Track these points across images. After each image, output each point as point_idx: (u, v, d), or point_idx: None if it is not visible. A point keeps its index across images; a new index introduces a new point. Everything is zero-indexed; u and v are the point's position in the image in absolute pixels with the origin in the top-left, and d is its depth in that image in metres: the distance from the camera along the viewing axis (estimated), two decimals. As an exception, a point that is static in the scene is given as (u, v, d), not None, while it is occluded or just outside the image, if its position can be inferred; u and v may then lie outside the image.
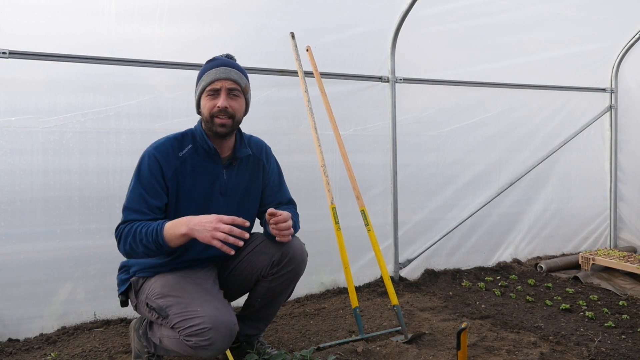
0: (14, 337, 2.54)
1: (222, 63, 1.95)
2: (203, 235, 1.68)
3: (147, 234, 1.76)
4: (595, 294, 3.23)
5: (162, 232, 1.75)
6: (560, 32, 3.88)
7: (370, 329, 2.64)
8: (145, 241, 1.76)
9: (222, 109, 1.89)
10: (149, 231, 1.76)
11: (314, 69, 2.98)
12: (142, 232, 1.77)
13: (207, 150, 1.97)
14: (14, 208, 2.54)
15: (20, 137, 2.54)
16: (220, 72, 1.92)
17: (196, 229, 1.70)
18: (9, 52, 2.46)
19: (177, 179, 1.93)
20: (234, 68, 1.96)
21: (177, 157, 1.94)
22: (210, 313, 1.75)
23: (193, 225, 1.71)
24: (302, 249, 2.08)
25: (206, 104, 1.93)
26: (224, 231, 1.67)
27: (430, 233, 3.67)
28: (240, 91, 1.96)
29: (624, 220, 4.40)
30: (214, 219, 1.69)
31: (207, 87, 1.92)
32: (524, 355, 2.21)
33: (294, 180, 3.09)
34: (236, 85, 1.94)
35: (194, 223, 1.71)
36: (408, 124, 3.54)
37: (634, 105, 4.31)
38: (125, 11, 2.68)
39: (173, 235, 1.74)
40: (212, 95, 1.92)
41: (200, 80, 1.97)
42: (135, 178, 1.91)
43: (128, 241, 1.80)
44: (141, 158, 1.94)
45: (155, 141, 1.98)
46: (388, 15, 3.31)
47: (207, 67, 1.97)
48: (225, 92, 1.91)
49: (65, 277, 2.64)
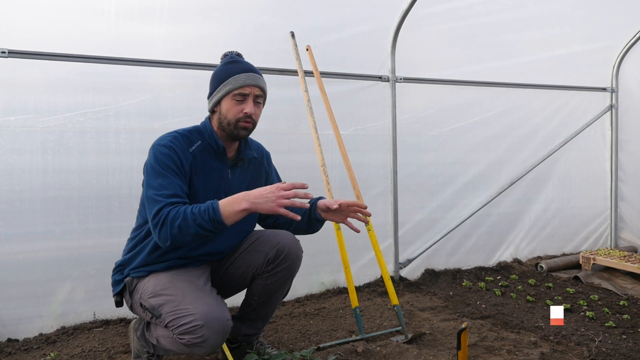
0: (13, 337, 2.53)
1: (250, 68, 1.96)
2: (268, 207, 1.66)
3: (200, 213, 1.68)
4: (595, 294, 3.22)
5: (218, 210, 1.68)
6: (560, 32, 3.87)
7: (370, 329, 2.63)
8: (199, 221, 1.68)
9: (249, 115, 1.91)
10: (202, 211, 1.69)
11: (314, 68, 2.97)
12: (194, 212, 1.69)
13: (215, 149, 1.96)
14: (13, 208, 2.53)
15: (20, 137, 2.53)
16: (251, 79, 1.92)
17: (258, 201, 1.67)
18: (8, 52, 2.45)
19: (191, 173, 1.91)
20: (261, 75, 1.99)
21: (189, 153, 1.92)
22: (202, 310, 1.74)
23: (254, 199, 1.67)
24: (297, 246, 2.08)
25: (232, 107, 1.92)
26: (289, 197, 1.66)
27: (431, 233, 3.67)
28: (263, 99, 2.00)
29: (625, 220, 4.40)
30: (274, 188, 1.67)
31: (234, 90, 1.91)
32: (524, 355, 2.21)
33: (294, 179, 3.07)
34: (262, 93, 1.97)
35: (254, 196, 1.67)
36: (408, 123, 3.53)
37: (634, 104, 4.30)
38: (125, 10, 2.67)
39: (232, 211, 1.69)
40: (240, 100, 1.91)
41: (226, 82, 1.93)
42: (157, 167, 1.81)
43: (177, 224, 1.69)
44: (154, 151, 1.86)
45: (162, 136, 1.92)
46: (388, 14, 3.30)
47: (233, 69, 1.94)
48: (252, 98, 1.93)
49: (64, 277, 2.63)
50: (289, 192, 1.67)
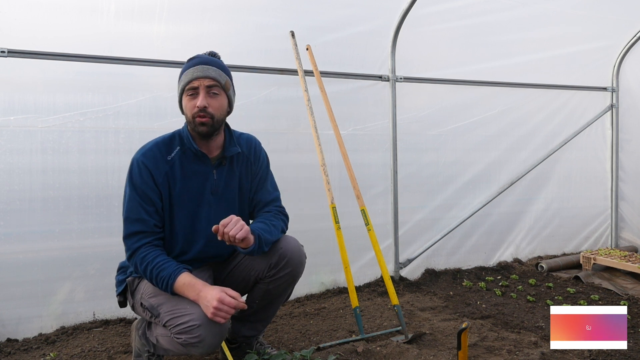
0: (13, 337, 2.53)
1: (201, 61, 1.90)
2: (206, 311, 1.72)
3: (158, 279, 1.81)
4: (596, 294, 3.22)
5: (172, 287, 1.80)
6: (561, 31, 3.86)
7: (370, 328, 2.63)
8: (155, 283, 1.84)
9: (201, 108, 1.85)
10: (161, 278, 1.81)
11: (314, 68, 2.96)
12: (154, 274, 1.82)
13: (194, 152, 1.94)
14: (13, 207, 2.53)
15: (19, 137, 2.53)
16: (198, 71, 1.87)
17: (201, 299, 1.74)
18: (8, 51, 2.45)
19: (168, 183, 1.92)
20: (213, 65, 1.90)
21: (166, 162, 1.92)
22: (199, 310, 1.74)
23: (200, 298, 1.75)
24: (300, 252, 2.06)
25: (187, 104, 1.90)
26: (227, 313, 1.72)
27: (431, 232, 3.66)
28: (220, 88, 1.90)
29: (625, 220, 4.39)
30: (217, 296, 1.71)
31: (185, 86, 1.88)
32: (524, 355, 2.20)
33: (293, 179, 3.10)
34: (215, 83, 1.88)
35: (201, 297, 1.74)
36: (408, 123, 3.52)
37: (635, 104, 4.29)
38: (124, 10, 2.67)
39: (182, 294, 1.80)
40: (192, 95, 1.88)
41: (180, 80, 1.92)
42: (129, 187, 1.90)
43: (140, 271, 1.86)
44: (130, 165, 1.92)
45: (143, 146, 1.95)
46: (388, 13, 3.30)
47: (186, 66, 1.92)
48: (204, 90, 1.86)
49: (64, 277, 2.63)
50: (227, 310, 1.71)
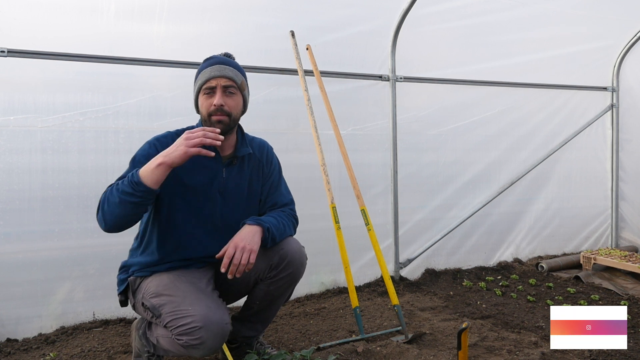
0: (12, 337, 2.53)
1: (218, 61, 1.95)
2: (180, 153, 1.68)
3: (123, 182, 1.73)
4: (596, 294, 3.21)
5: (137, 172, 1.72)
6: (561, 31, 3.86)
7: (370, 328, 2.62)
8: (120, 187, 1.71)
9: (218, 107, 1.89)
10: (125, 179, 1.73)
11: (314, 68, 2.96)
12: (119, 183, 1.74)
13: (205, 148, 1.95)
14: (13, 207, 2.53)
15: (19, 136, 2.53)
16: (215, 70, 1.91)
17: (169, 152, 1.70)
18: (7, 51, 2.45)
19: (175, 171, 1.91)
20: (230, 65, 1.95)
21: None
22: (201, 312, 1.74)
23: (166, 153, 1.71)
24: (301, 253, 2.06)
25: (203, 102, 1.93)
26: (197, 137, 1.69)
27: (431, 232, 3.66)
28: (236, 88, 1.95)
29: (626, 220, 4.39)
30: (183, 136, 1.71)
31: (202, 85, 1.93)
32: (525, 356, 2.20)
33: (293, 179, 3.08)
34: (232, 82, 1.93)
35: (166, 152, 1.71)
36: (408, 122, 3.52)
37: (635, 104, 4.29)
38: (124, 9, 2.66)
39: (148, 170, 1.70)
40: (209, 93, 1.92)
41: (197, 80, 1.97)
42: (130, 163, 1.91)
43: (105, 197, 1.76)
44: (141, 147, 1.95)
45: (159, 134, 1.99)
46: (388, 13, 3.30)
47: (203, 66, 1.97)
48: (221, 89, 1.91)
49: (63, 277, 2.63)
50: (197, 133, 1.70)
